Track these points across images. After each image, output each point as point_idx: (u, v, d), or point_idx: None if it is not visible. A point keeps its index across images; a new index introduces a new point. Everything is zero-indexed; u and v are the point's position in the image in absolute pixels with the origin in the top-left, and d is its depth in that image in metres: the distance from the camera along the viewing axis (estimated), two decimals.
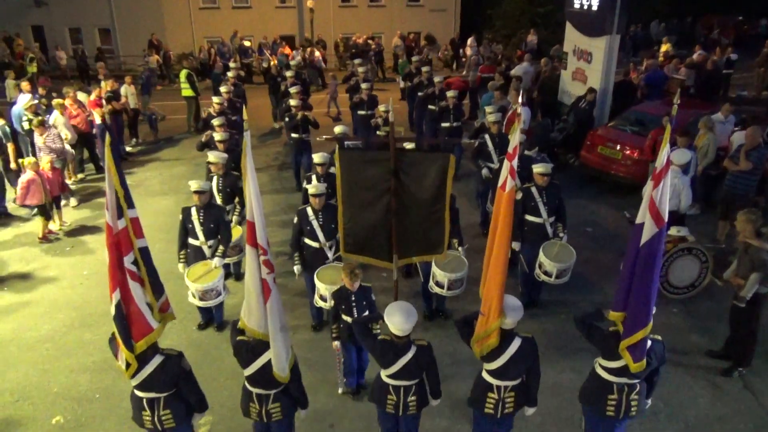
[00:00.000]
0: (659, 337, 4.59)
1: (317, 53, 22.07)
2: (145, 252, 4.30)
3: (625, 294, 4.37)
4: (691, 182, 8.16)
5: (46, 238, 9.44)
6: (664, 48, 19.03)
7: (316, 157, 7.90)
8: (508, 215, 4.53)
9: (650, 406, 4.99)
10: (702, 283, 7.53)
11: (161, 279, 4.51)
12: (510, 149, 4.65)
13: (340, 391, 6.05)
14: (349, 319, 5.57)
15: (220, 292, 6.63)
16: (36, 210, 9.57)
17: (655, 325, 4.51)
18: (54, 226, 9.72)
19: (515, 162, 4.58)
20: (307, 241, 6.74)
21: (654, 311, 4.37)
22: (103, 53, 23.12)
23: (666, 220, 4.18)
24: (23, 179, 9.10)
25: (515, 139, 4.65)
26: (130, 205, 4.16)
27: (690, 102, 11.98)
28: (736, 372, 6.28)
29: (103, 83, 13.44)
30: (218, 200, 7.73)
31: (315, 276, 6.39)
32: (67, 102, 11.56)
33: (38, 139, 10.18)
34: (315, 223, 6.62)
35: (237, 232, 7.55)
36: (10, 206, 10.33)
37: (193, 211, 6.85)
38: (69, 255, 9.06)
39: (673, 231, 7.33)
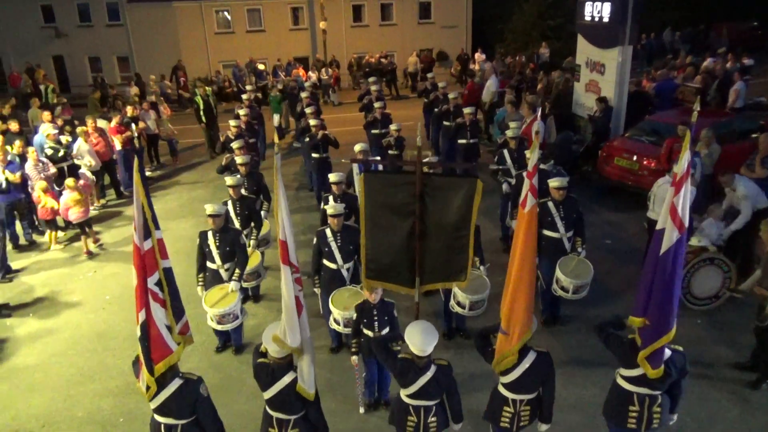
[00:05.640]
0: (680, 348, 4.51)
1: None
2: (168, 273, 4.36)
3: (645, 300, 4.30)
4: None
5: (90, 252, 9.99)
6: (688, 59, 18.55)
7: (332, 177, 7.90)
8: (531, 234, 4.43)
9: (676, 421, 4.88)
10: (725, 294, 7.42)
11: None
12: (530, 168, 4.54)
13: (361, 410, 6.03)
14: (370, 333, 5.57)
15: (238, 315, 6.70)
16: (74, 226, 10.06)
17: (678, 337, 4.44)
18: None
19: (535, 180, 4.49)
20: (325, 262, 6.75)
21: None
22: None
23: (687, 226, 4.11)
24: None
25: (534, 157, 4.52)
26: (157, 226, 4.25)
27: (705, 111, 11.85)
28: (764, 384, 6.14)
29: (128, 109, 13.68)
30: (236, 224, 7.72)
31: (330, 300, 6.40)
32: (89, 128, 11.79)
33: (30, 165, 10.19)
34: (333, 245, 6.65)
35: (255, 258, 7.53)
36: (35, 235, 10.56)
37: (210, 234, 6.94)
38: (92, 280, 9.19)
39: (694, 241, 7.24)
